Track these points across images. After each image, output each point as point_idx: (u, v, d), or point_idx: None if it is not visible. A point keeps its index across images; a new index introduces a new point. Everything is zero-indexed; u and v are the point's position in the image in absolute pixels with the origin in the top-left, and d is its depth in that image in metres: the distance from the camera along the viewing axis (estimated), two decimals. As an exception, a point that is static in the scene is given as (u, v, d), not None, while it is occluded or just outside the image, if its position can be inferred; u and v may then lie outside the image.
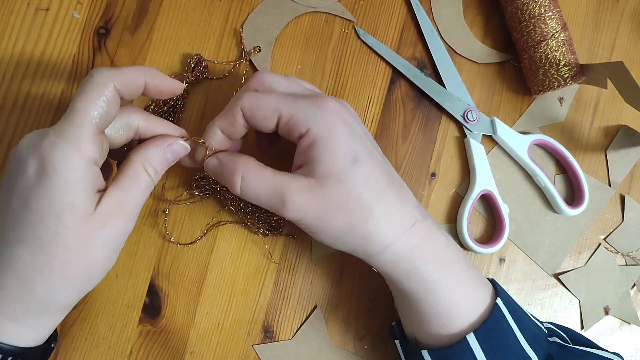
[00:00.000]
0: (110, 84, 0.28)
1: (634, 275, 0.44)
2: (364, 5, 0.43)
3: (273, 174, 0.31)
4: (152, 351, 0.39)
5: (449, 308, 0.32)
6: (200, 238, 0.40)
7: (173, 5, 0.41)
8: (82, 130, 0.27)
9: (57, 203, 0.27)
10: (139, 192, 0.30)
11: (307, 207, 0.30)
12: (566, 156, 0.43)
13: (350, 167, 0.30)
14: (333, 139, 0.30)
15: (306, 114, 0.30)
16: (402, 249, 0.31)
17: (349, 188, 0.30)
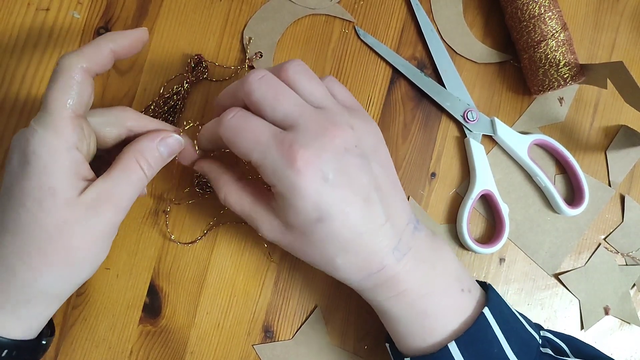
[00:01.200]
0: (76, 66, 0.28)
1: (634, 275, 0.44)
2: (364, 6, 0.43)
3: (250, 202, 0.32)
4: (152, 351, 0.39)
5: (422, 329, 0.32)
6: (201, 237, 0.40)
7: (173, 5, 0.41)
8: (57, 115, 0.27)
9: (36, 187, 0.27)
10: (129, 184, 0.30)
11: (279, 241, 0.32)
12: (566, 156, 0.43)
13: (314, 225, 0.29)
14: (297, 199, 0.29)
15: (274, 168, 0.29)
16: (366, 287, 0.32)
17: (311, 242, 0.31)
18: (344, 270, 0.31)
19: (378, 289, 0.32)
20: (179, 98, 0.40)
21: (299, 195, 0.29)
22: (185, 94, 0.40)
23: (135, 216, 0.39)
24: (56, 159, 0.27)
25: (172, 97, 0.40)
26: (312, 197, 0.29)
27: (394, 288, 0.32)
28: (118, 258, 0.39)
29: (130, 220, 0.39)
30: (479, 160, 0.42)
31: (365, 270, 0.31)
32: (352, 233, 0.30)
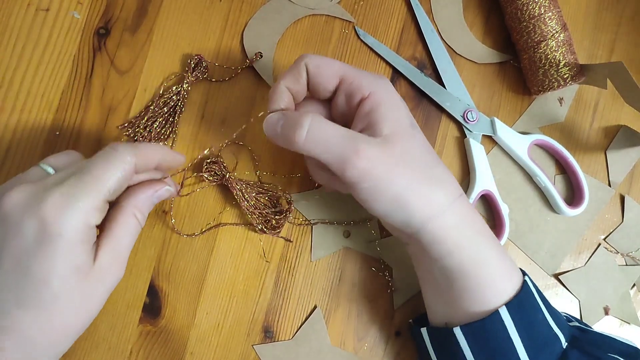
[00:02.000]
0: (132, 160, 0.29)
1: (634, 275, 0.44)
2: (364, 6, 0.43)
3: (344, 127, 0.31)
4: (152, 351, 0.39)
5: (485, 285, 0.32)
6: (205, 231, 0.40)
7: (173, 5, 0.41)
8: (95, 199, 0.28)
9: (61, 266, 0.27)
10: (131, 239, 0.31)
11: (378, 159, 0.30)
12: (566, 156, 0.43)
13: (412, 129, 0.32)
14: (395, 104, 0.32)
15: (368, 80, 0.32)
16: (452, 219, 0.32)
17: (413, 147, 0.32)
18: (439, 184, 0.32)
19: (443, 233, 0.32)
20: (179, 98, 0.40)
21: (396, 99, 0.32)
22: (185, 94, 0.40)
23: (135, 216, 0.39)
24: (81, 239, 0.27)
25: (172, 97, 0.40)
26: (402, 105, 0.33)
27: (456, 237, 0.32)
28: (118, 258, 0.39)
29: (130, 221, 0.39)
30: (479, 161, 0.42)
31: (452, 191, 0.32)
32: (432, 153, 0.33)
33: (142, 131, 0.39)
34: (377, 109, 0.31)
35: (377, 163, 0.30)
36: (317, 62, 0.32)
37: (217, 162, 0.39)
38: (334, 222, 0.41)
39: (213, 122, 0.41)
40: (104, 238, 0.30)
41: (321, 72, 0.32)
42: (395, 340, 0.41)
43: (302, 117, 0.30)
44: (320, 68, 0.32)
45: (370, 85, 0.32)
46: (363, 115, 0.32)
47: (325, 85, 0.33)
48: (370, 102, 0.32)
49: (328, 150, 0.30)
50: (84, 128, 0.39)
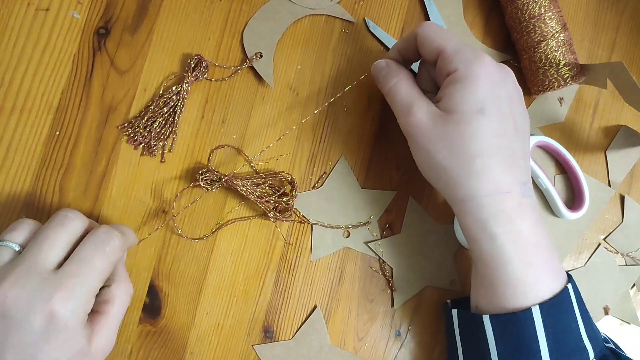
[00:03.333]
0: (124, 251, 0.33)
1: (634, 275, 0.44)
2: (364, 6, 0.43)
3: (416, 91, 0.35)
4: (152, 351, 0.39)
5: (524, 281, 0.32)
6: (209, 236, 0.40)
7: (173, 5, 0.41)
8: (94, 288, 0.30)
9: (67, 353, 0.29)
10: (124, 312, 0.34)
11: (423, 127, 0.33)
12: (568, 159, 0.43)
13: (473, 115, 0.32)
14: (471, 85, 0.32)
15: (464, 57, 0.33)
16: (487, 208, 0.32)
17: (462, 132, 0.32)
18: (477, 175, 0.32)
19: (499, 215, 0.32)
20: (179, 98, 0.40)
21: (476, 82, 0.32)
22: (185, 93, 0.40)
23: (135, 216, 0.39)
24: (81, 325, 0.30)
25: (172, 97, 0.40)
26: (483, 89, 0.32)
27: (513, 221, 0.32)
28: (118, 258, 0.39)
29: (130, 221, 0.39)
30: (479, 160, 0.42)
31: (495, 184, 0.32)
32: (500, 139, 0.32)
33: (142, 131, 0.39)
34: (452, 84, 0.33)
35: (421, 130, 0.33)
36: (424, 34, 0.35)
37: (210, 171, 0.39)
38: (332, 226, 0.41)
39: (213, 122, 0.41)
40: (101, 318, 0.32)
41: (424, 44, 0.35)
42: (395, 340, 0.41)
43: (392, 75, 0.36)
44: (424, 40, 0.35)
45: (462, 62, 0.33)
46: (444, 86, 0.34)
47: (427, 56, 0.35)
48: (451, 78, 0.33)
49: (396, 101, 0.35)
50: (84, 128, 0.39)
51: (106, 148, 0.39)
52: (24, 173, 0.38)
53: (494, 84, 0.33)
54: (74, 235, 0.32)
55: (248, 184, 0.39)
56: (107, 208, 0.39)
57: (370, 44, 0.43)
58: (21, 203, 0.38)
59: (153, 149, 0.39)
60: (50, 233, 0.31)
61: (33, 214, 0.38)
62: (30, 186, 0.38)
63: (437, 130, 0.33)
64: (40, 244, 0.30)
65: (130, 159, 0.40)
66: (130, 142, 0.40)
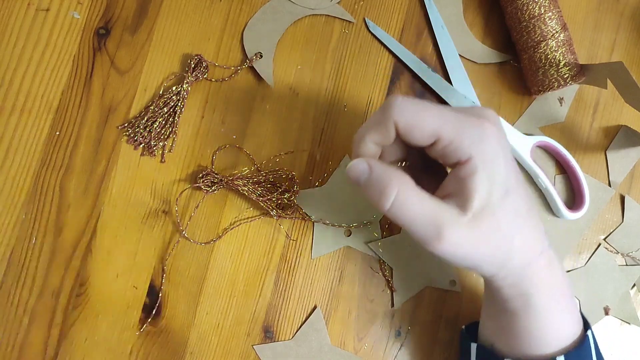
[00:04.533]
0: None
1: (634, 275, 0.44)
2: (364, 6, 0.43)
3: (431, 199, 0.28)
4: (152, 351, 0.39)
5: (546, 333, 0.32)
6: (216, 240, 0.40)
7: (173, 5, 0.41)
8: None
9: None
10: None
11: (461, 244, 0.28)
12: (568, 159, 0.43)
13: (504, 199, 0.29)
14: (493, 171, 0.28)
15: (471, 139, 0.28)
16: (523, 274, 0.31)
17: (498, 221, 0.29)
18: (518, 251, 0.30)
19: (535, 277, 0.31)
20: (179, 98, 0.40)
21: (497, 163, 0.28)
22: (185, 94, 0.40)
23: (136, 216, 0.39)
24: None
25: (172, 97, 0.40)
26: (503, 167, 0.28)
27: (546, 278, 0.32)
28: (118, 258, 0.39)
29: (130, 221, 0.39)
30: (479, 160, 0.42)
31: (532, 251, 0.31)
32: (525, 207, 0.30)
33: (142, 131, 0.39)
34: (473, 177, 0.28)
35: (459, 248, 0.28)
36: (409, 119, 0.28)
37: (210, 173, 0.39)
38: (334, 224, 0.41)
39: (213, 122, 0.41)
40: None
41: (413, 131, 0.28)
42: (395, 340, 0.41)
43: (388, 186, 0.28)
44: (411, 130, 0.28)
45: (472, 146, 0.28)
46: (456, 180, 0.29)
47: (417, 143, 0.29)
48: (467, 168, 0.28)
49: (411, 226, 0.28)
50: (84, 128, 0.39)
51: (106, 148, 0.39)
52: (24, 173, 0.38)
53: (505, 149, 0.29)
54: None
55: (249, 184, 0.39)
56: (107, 208, 0.39)
57: (370, 44, 0.43)
58: (21, 203, 0.38)
59: (153, 149, 0.39)
60: None
61: (33, 214, 0.38)
62: (30, 186, 0.38)
63: (475, 235, 0.28)
64: None
65: (130, 159, 0.40)
66: (130, 142, 0.40)
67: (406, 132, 0.28)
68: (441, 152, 0.29)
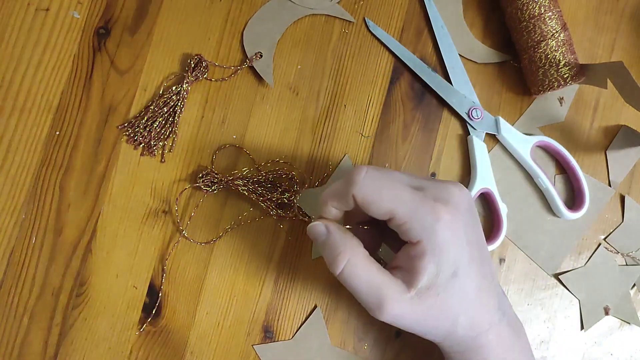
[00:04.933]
0: None
1: (634, 275, 0.44)
2: (364, 6, 0.43)
3: (377, 272, 0.30)
4: (152, 351, 0.39)
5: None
6: (216, 240, 0.40)
7: (173, 5, 0.41)
8: None
9: None
10: None
11: (403, 317, 0.30)
12: (568, 159, 0.43)
13: (450, 281, 0.30)
14: (442, 256, 0.30)
15: (423, 224, 0.29)
16: (471, 346, 0.32)
17: (442, 301, 0.30)
18: (462, 328, 0.31)
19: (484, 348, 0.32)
20: (179, 98, 0.40)
21: (446, 249, 0.29)
22: (185, 93, 0.40)
23: (136, 216, 0.39)
24: None
25: (172, 97, 0.40)
26: (454, 251, 0.30)
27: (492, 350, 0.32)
28: (118, 258, 0.39)
29: (130, 221, 0.39)
30: (481, 159, 0.42)
31: (478, 327, 0.32)
32: (475, 287, 0.31)
33: (142, 131, 0.39)
34: (420, 259, 0.30)
35: (400, 320, 0.31)
36: (367, 197, 0.30)
37: (210, 173, 0.39)
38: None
39: (213, 122, 0.41)
40: None
41: (370, 207, 0.30)
42: (395, 340, 0.41)
43: (340, 254, 0.30)
44: (368, 205, 0.30)
45: (423, 231, 0.29)
46: (406, 258, 0.31)
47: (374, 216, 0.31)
48: (415, 250, 0.30)
49: (356, 294, 0.31)
50: (84, 128, 0.39)
51: (106, 148, 0.39)
52: (24, 173, 0.38)
53: (459, 236, 0.30)
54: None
55: (249, 184, 0.39)
56: (107, 208, 0.39)
57: (370, 44, 0.43)
58: (21, 203, 0.38)
59: (153, 149, 0.39)
60: None
61: (33, 214, 0.38)
62: (30, 186, 0.38)
63: (416, 311, 0.30)
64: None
65: (130, 159, 0.40)
66: (130, 142, 0.40)
67: (364, 207, 0.30)
68: (395, 228, 0.30)
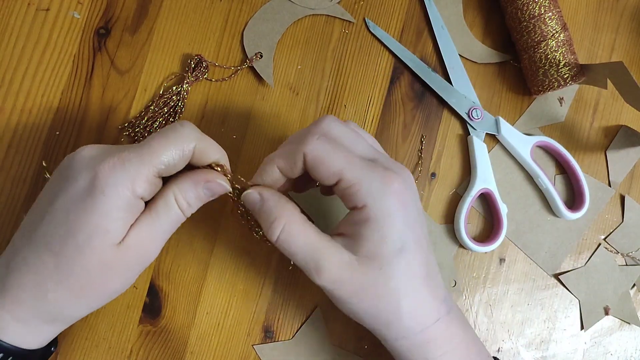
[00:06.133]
0: (193, 143, 0.29)
1: (634, 275, 0.44)
2: (364, 6, 0.43)
3: (316, 235, 0.30)
4: (152, 351, 0.39)
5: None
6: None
7: (173, 5, 0.41)
8: (145, 169, 0.28)
9: (93, 224, 0.27)
10: (168, 225, 0.30)
11: (341, 282, 0.29)
12: (568, 159, 0.43)
13: (396, 256, 0.29)
14: (388, 224, 0.29)
15: (369, 188, 0.29)
16: (418, 342, 0.31)
17: (387, 277, 0.29)
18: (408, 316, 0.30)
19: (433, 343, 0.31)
20: (179, 98, 0.40)
21: (392, 219, 0.29)
22: (185, 94, 0.40)
23: (135, 216, 0.39)
24: (121, 205, 0.27)
25: (172, 97, 0.40)
26: (400, 224, 0.29)
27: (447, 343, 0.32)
28: (118, 258, 0.39)
29: (130, 220, 0.39)
30: (481, 159, 0.42)
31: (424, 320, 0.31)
32: (423, 272, 0.30)
33: (142, 131, 0.39)
34: (365, 225, 0.29)
35: (339, 286, 0.29)
36: (317, 155, 0.29)
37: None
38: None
39: (213, 122, 0.41)
40: (141, 219, 0.29)
41: (318, 169, 0.29)
42: (395, 340, 0.41)
43: (276, 220, 0.29)
44: (318, 165, 0.29)
45: (369, 196, 0.28)
46: (350, 224, 0.30)
47: (321, 180, 0.30)
48: (360, 215, 0.29)
49: (295, 256, 0.30)
50: (84, 128, 0.39)
51: (106, 148, 0.39)
52: (24, 173, 0.38)
53: (408, 210, 0.29)
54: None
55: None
56: (107, 208, 0.39)
57: (370, 44, 0.43)
58: (21, 203, 0.38)
59: (153, 149, 0.39)
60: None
61: (33, 214, 0.38)
62: (30, 186, 0.38)
63: (357, 282, 0.29)
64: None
65: (130, 159, 0.39)
66: (130, 142, 0.40)
67: (313, 167, 0.29)
68: (341, 193, 0.30)
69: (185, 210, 0.30)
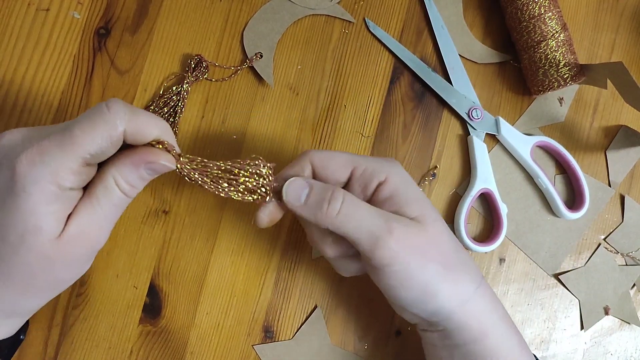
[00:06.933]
0: (121, 127, 0.26)
1: (634, 275, 0.44)
2: (364, 6, 0.43)
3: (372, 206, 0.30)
4: (152, 351, 0.39)
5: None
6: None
7: (173, 5, 0.41)
8: (68, 160, 0.25)
9: (20, 223, 0.25)
10: (111, 209, 0.28)
11: (411, 240, 0.29)
12: (568, 159, 0.43)
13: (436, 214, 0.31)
14: (414, 187, 0.31)
15: (381, 165, 0.31)
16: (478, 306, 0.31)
17: (441, 230, 0.31)
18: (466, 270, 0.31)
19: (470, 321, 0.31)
20: (179, 98, 0.40)
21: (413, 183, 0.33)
22: (185, 94, 0.40)
23: (136, 216, 0.39)
24: (47, 200, 0.25)
25: (172, 97, 0.40)
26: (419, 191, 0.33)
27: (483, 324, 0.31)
28: (118, 258, 0.39)
29: (130, 221, 0.39)
30: (481, 159, 0.42)
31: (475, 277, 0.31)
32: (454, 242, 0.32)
33: (142, 131, 0.39)
34: (400, 191, 0.31)
35: (410, 245, 0.29)
36: (322, 157, 0.31)
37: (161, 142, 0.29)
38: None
39: (213, 122, 0.41)
40: (79, 207, 0.27)
41: (329, 166, 0.31)
42: (395, 340, 0.41)
43: (335, 190, 0.30)
44: (327, 163, 0.31)
45: (385, 169, 0.31)
46: (384, 200, 0.31)
47: (334, 178, 0.31)
48: (389, 186, 0.31)
49: (360, 228, 0.29)
50: (84, 128, 0.39)
51: (106, 148, 0.39)
52: (24, 173, 0.38)
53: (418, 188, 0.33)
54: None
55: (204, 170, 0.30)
56: (107, 208, 0.39)
57: (370, 44, 0.43)
58: (21, 203, 0.38)
59: (153, 149, 0.39)
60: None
61: (33, 214, 0.38)
62: (30, 186, 0.38)
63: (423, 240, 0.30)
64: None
65: (130, 159, 0.40)
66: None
67: (322, 167, 0.31)
68: (360, 179, 0.31)
69: (129, 192, 0.28)
